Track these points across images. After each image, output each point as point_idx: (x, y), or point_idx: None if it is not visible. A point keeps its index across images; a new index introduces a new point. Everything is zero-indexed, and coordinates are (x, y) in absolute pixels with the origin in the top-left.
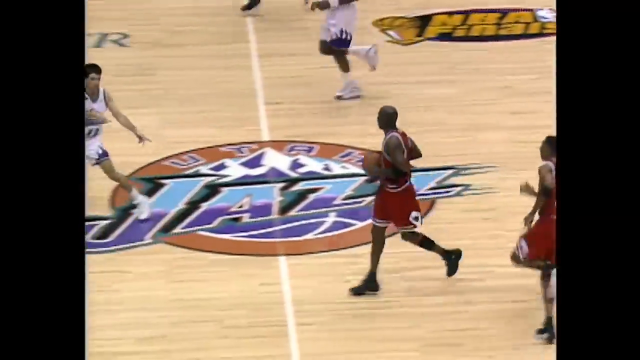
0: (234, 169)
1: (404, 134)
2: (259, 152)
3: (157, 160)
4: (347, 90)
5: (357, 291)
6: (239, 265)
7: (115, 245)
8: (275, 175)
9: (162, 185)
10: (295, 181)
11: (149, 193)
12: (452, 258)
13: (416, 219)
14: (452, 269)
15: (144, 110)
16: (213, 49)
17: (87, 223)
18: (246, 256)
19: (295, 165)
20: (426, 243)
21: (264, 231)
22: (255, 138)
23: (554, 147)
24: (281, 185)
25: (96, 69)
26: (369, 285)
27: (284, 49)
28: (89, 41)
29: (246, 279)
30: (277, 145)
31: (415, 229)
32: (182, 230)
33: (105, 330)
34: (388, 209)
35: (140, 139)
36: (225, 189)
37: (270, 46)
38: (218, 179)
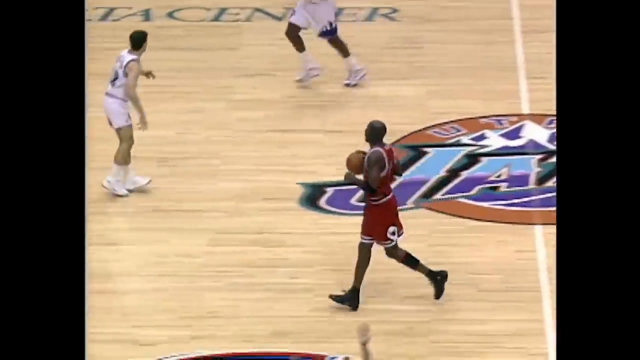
0: (494, 140)
1: (390, 150)
2: (519, 124)
3: (421, 129)
4: (353, 77)
5: (336, 299)
6: (496, 232)
7: None
8: (533, 147)
9: (425, 153)
10: (553, 153)
11: (412, 160)
12: (437, 279)
13: (393, 233)
14: (438, 291)
15: (410, 81)
16: (477, 24)
17: (349, 187)
18: (503, 224)
19: (554, 138)
20: (410, 261)
21: (520, 200)
22: (515, 111)
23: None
24: (539, 156)
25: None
26: (350, 301)
27: (547, 26)
28: (359, 15)
29: (502, 246)
30: (537, 118)
31: (394, 244)
32: (442, 197)
33: (366, 289)
34: (369, 223)
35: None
36: (484, 159)
37: (532, 22)
38: (478, 149)
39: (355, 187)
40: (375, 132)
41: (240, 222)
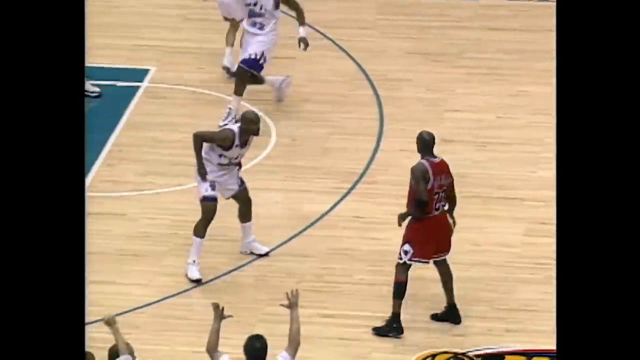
0: None
1: (439, 164)
2: None
3: None
4: (280, 90)
5: (435, 318)
6: None
7: None
8: None
9: None
10: None
11: None
12: (398, 327)
13: (406, 253)
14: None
15: None
16: None
17: None
18: None
19: None
20: (399, 290)
21: None
22: None
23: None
24: None
25: None
26: (450, 318)
27: None
28: None
29: None
30: None
31: (402, 262)
32: None
33: None
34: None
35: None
36: None
37: None
38: None
39: None
40: (422, 143)
41: None
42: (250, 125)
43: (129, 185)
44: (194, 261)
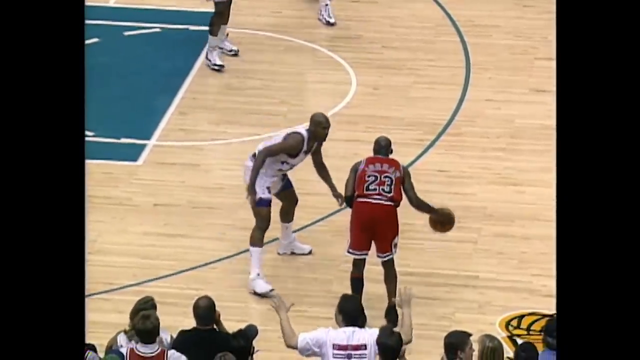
0: None
1: (383, 159)
2: None
3: None
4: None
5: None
6: None
7: None
8: None
9: None
10: None
11: None
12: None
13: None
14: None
15: None
16: None
17: None
18: None
19: None
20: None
21: None
22: None
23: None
24: None
25: None
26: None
27: None
28: None
29: None
30: None
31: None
32: None
33: None
34: (377, 228)
35: None
36: None
37: None
38: None
39: None
40: (374, 147)
41: None
42: (317, 129)
43: (202, 135)
44: (258, 274)
